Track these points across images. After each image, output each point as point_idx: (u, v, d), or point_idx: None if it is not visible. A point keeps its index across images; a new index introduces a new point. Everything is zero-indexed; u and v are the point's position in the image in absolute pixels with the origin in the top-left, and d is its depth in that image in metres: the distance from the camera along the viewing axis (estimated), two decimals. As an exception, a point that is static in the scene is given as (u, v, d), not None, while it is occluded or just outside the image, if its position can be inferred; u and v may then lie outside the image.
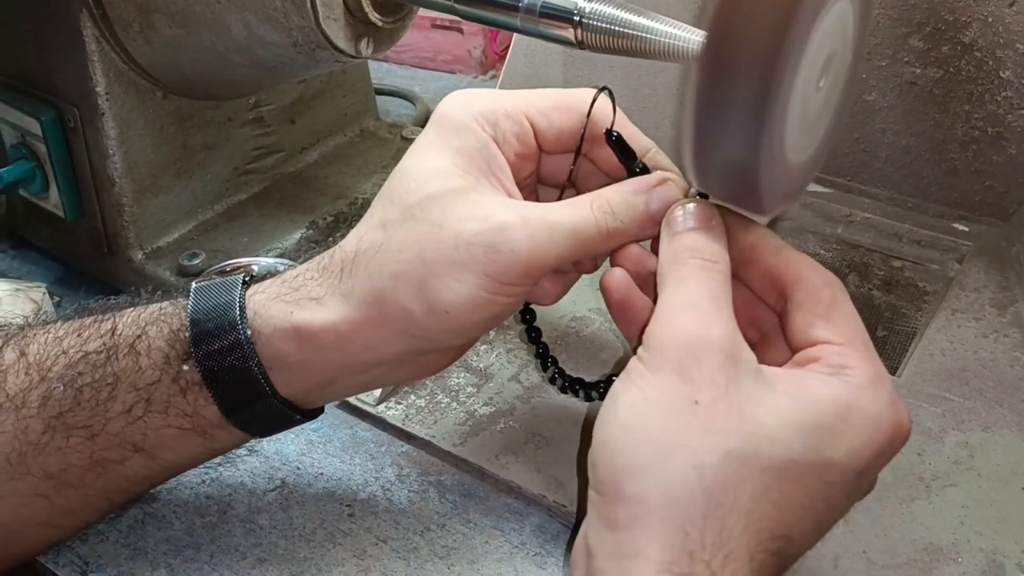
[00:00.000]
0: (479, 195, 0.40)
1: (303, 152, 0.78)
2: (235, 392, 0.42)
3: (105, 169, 0.64)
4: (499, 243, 0.39)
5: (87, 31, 0.60)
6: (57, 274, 0.71)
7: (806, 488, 0.34)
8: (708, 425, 0.33)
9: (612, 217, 0.40)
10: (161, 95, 0.65)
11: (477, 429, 0.54)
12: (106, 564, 0.47)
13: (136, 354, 0.42)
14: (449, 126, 0.42)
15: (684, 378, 0.34)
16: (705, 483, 0.33)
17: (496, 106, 0.42)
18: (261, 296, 0.43)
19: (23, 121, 0.65)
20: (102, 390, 0.42)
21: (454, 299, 0.39)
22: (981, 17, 0.64)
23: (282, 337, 0.41)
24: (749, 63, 0.33)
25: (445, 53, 1.07)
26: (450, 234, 0.39)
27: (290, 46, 0.56)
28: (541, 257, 0.39)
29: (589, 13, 0.45)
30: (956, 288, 0.63)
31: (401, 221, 0.40)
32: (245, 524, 0.49)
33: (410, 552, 0.47)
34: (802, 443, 0.34)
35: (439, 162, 0.41)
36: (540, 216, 0.40)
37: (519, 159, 0.43)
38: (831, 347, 0.37)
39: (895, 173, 0.73)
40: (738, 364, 0.35)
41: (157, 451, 0.43)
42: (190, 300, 0.43)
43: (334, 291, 0.41)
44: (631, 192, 0.41)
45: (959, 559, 0.46)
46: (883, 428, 0.36)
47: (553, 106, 0.43)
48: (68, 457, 0.42)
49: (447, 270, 0.39)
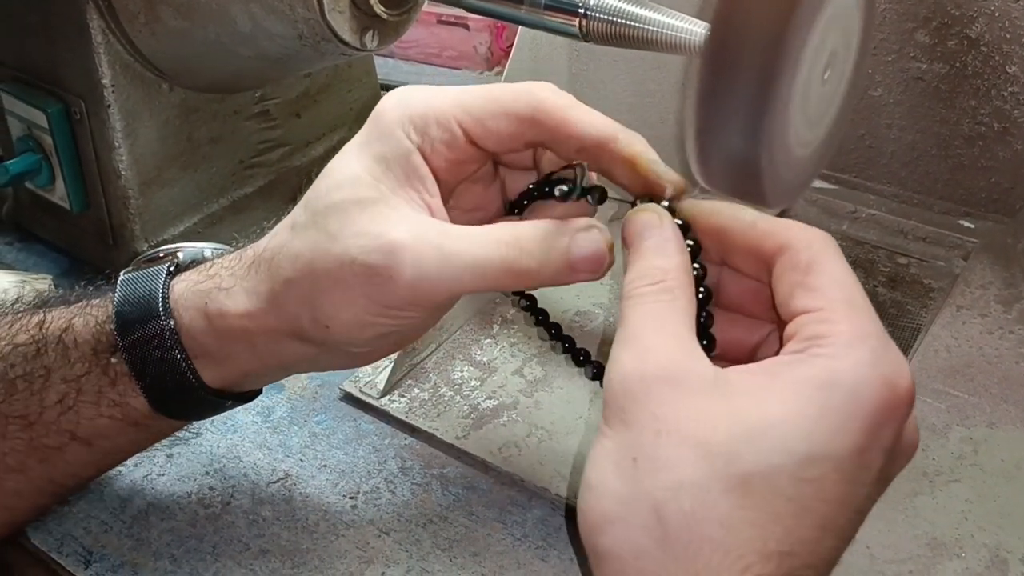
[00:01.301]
0: (385, 208, 0.38)
1: (308, 146, 0.78)
2: (162, 382, 0.42)
3: (111, 161, 0.64)
4: (380, 266, 0.37)
5: (93, 23, 0.60)
6: (63, 266, 0.71)
7: (786, 495, 0.31)
8: (655, 463, 0.31)
9: (526, 257, 0.37)
10: (167, 88, 0.65)
11: (480, 422, 0.54)
12: (110, 554, 0.47)
13: (64, 347, 0.42)
14: (376, 130, 0.40)
15: (628, 423, 0.32)
16: (669, 528, 0.31)
17: (428, 111, 0.39)
18: (181, 286, 0.42)
19: (29, 113, 0.65)
20: (35, 381, 0.42)
21: (334, 315, 0.38)
22: (988, 11, 0.63)
23: (200, 328, 0.41)
24: (751, 54, 0.33)
25: (451, 49, 1.07)
26: (340, 249, 0.37)
27: (295, 38, 0.56)
28: (428, 287, 0.37)
29: (594, 5, 0.45)
30: (961, 285, 0.63)
31: (305, 226, 0.39)
32: (248, 515, 0.49)
33: (413, 544, 0.47)
34: (756, 450, 0.31)
35: (355, 168, 0.39)
36: (435, 243, 0.37)
37: (453, 164, 0.40)
38: (808, 316, 0.33)
39: (901, 169, 0.73)
40: (681, 387, 0.32)
41: (94, 439, 0.43)
42: (116, 291, 0.43)
43: (240, 285, 0.41)
44: (554, 232, 0.37)
45: (963, 554, 0.46)
46: (866, 397, 0.31)
47: (488, 112, 0.39)
48: (8, 443, 0.43)
49: (331, 286, 0.38)
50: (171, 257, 0.46)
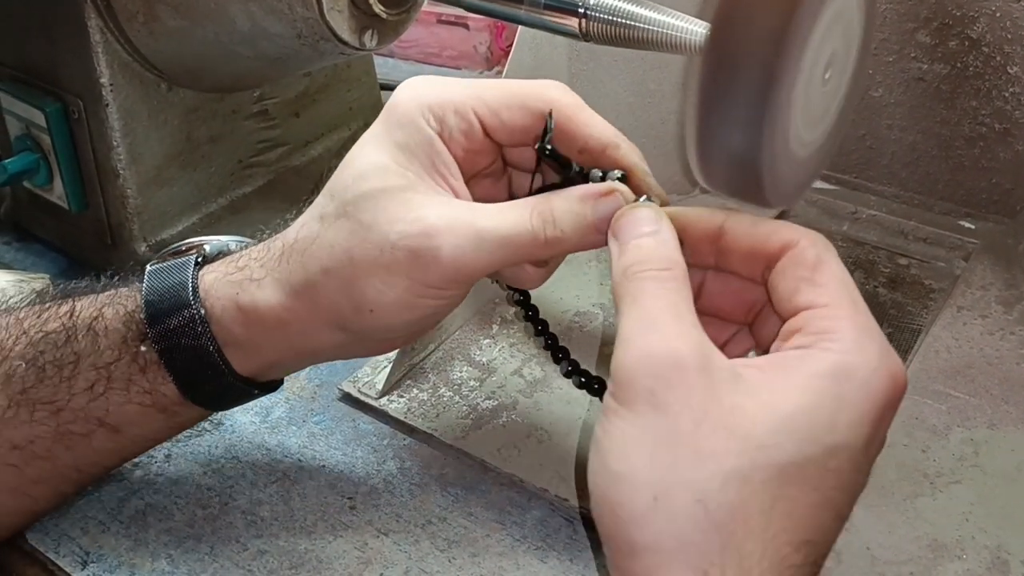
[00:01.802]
0: (414, 194, 0.39)
1: (307, 146, 0.78)
2: (192, 370, 0.43)
3: (109, 161, 0.64)
4: (422, 248, 0.38)
5: (92, 22, 0.60)
6: (61, 266, 0.71)
7: (813, 484, 0.32)
8: (698, 452, 0.32)
9: (552, 226, 0.39)
10: (166, 87, 0.65)
11: (479, 423, 0.54)
12: (107, 555, 0.47)
13: (94, 334, 0.43)
14: (395, 119, 0.41)
15: (659, 408, 0.32)
16: (711, 515, 0.31)
17: (445, 100, 0.41)
18: (211, 276, 0.43)
19: (28, 112, 0.65)
20: (64, 368, 0.43)
21: (379, 299, 0.39)
22: (989, 12, 0.63)
23: (231, 318, 0.42)
24: (752, 54, 0.33)
25: (450, 49, 1.07)
26: (377, 235, 0.39)
27: (294, 38, 0.56)
28: (467, 264, 0.38)
29: (594, 4, 0.45)
30: (962, 285, 0.63)
31: (335, 216, 0.40)
32: (246, 516, 0.49)
33: (411, 545, 0.47)
34: (794, 440, 0.32)
35: (380, 157, 0.40)
36: (469, 222, 0.38)
37: (470, 153, 0.42)
38: (815, 311, 0.34)
39: (901, 170, 0.73)
40: (712, 376, 0.33)
41: (122, 426, 0.44)
42: (144, 282, 0.44)
43: (272, 276, 0.42)
44: (577, 200, 0.39)
45: (963, 556, 0.46)
46: (876, 389, 0.33)
47: (504, 103, 0.41)
48: (34, 429, 0.43)
49: (373, 271, 0.39)
50: (197, 249, 0.47)
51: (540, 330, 0.48)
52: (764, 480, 0.31)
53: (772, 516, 0.31)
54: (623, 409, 0.33)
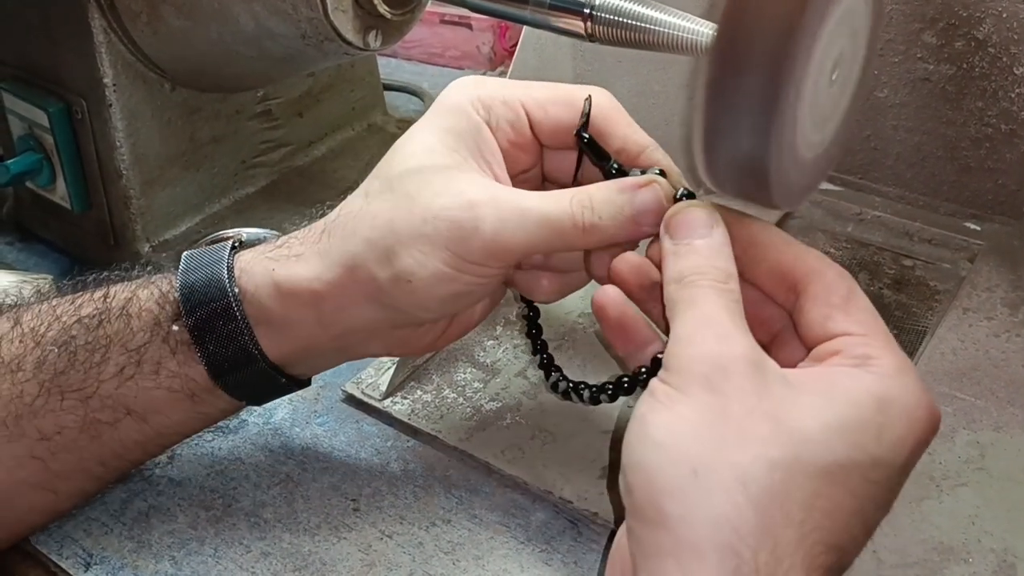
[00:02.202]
0: (459, 173, 0.40)
1: (311, 146, 0.78)
2: (222, 351, 0.43)
3: (112, 161, 0.64)
4: (464, 220, 0.39)
5: (95, 22, 0.60)
6: (63, 266, 0.71)
7: (853, 491, 0.32)
8: (746, 436, 0.32)
9: (591, 212, 0.39)
10: (169, 87, 0.65)
11: (483, 424, 0.53)
12: (110, 556, 0.47)
13: (127, 316, 0.43)
14: (445, 107, 0.42)
15: (714, 391, 0.33)
16: (752, 497, 0.31)
17: (494, 92, 0.42)
18: (248, 255, 0.44)
19: (30, 112, 0.65)
20: (95, 352, 0.43)
21: (417, 270, 0.40)
22: (995, 12, 0.63)
23: (265, 294, 0.42)
24: (760, 55, 0.33)
25: (454, 49, 1.07)
26: (420, 207, 0.40)
27: (298, 38, 0.56)
28: (507, 239, 0.39)
29: (599, 5, 0.44)
30: (967, 287, 0.63)
31: (380, 191, 0.41)
32: (250, 518, 0.49)
33: (415, 547, 0.47)
34: (844, 443, 0.32)
35: (428, 139, 0.42)
36: (513, 200, 0.40)
37: (514, 147, 0.43)
38: (852, 338, 0.35)
39: (907, 171, 0.72)
40: (765, 372, 0.34)
41: (148, 414, 0.44)
42: (180, 264, 0.44)
43: (312, 250, 0.42)
44: (616, 190, 0.40)
45: (970, 559, 0.45)
46: (919, 417, 0.34)
47: (551, 99, 0.43)
48: (62, 419, 0.43)
49: (413, 241, 0.40)
50: (234, 238, 0.47)
51: (538, 348, 0.48)
52: (809, 474, 0.32)
53: (812, 511, 0.31)
54: (675, 391, 0.34)
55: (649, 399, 0.34)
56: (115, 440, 0.44)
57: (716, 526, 0.31)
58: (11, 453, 0.43)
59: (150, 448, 0.47)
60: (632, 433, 0.34)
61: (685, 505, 0.31)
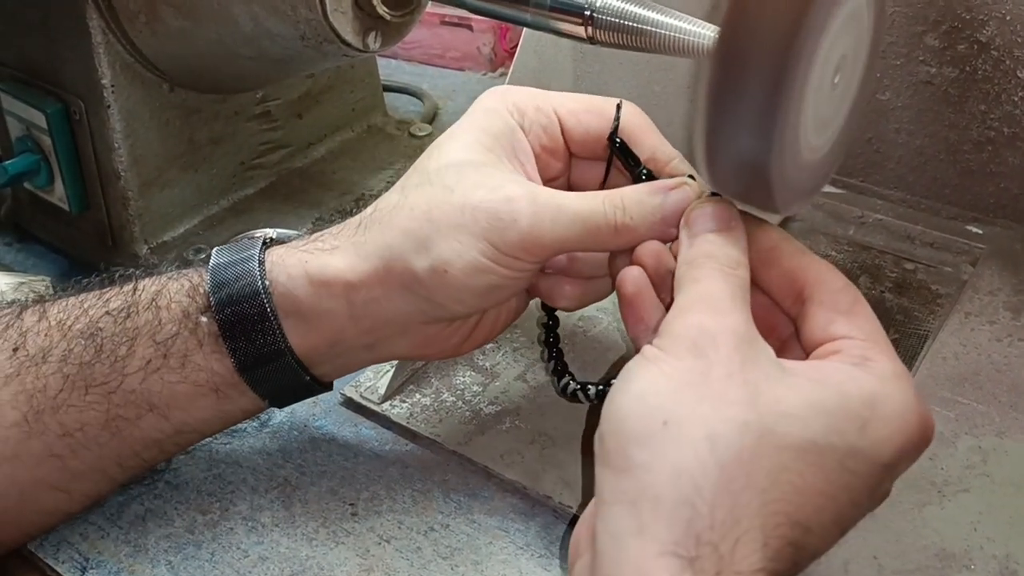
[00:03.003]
0: (495, 169, 0.42)
1: (310, 147, 0.78)
2: (249, 345, 0.43)
3: (110, 162, 0.64)
4: (502, 212, 0.40)
5: (93, 22, 0.60)
6: (61, 268, 0.70)
7: (826, 474, 0.33)
8: (722, 396, 0.32)
9: (623, 212, 0.41)
10: (167, 88, 0.65)
11: (482, 428, 0.53)
12: (106, 561, 0.47)
13: (156, 308, 0.44)
14: (481, 111, 0.44)
15: (698, 355, 0.33)
16: (717, 454, 0.31)
17: (528, 98, 0.44)
18: (281, 249, 0.45)
19: (28, 113, 0.65)
20: (121, 345, 0.43)
21: (454, 259, 0.41)
22: (999, 15, 0.63)
23: (297, 284, 0.43)
24: (762, 58, 0.33)
25: (454, 50, 1.07)
26: (459, 198, 0.41)
27: (297, 39, 0.56)
28: (543, 233, 0.40)
29: (600, 8, 0.44)
30: (969, 291, 0.63)
31: (418, 184, 0.43)
32: (247, 522, 0.49)
33: (413, 552, 0.47)
34: (823, 425, 0.33)
35: (465, 139, 0.43)
36: (548, 196, 0.41)
37: (545, 152, 0.44)
38: (853, 341, 0.36)
39: (908, 174, 0.72)
40: (754, 347, 0.34)
41: (171, 410, 0.44)
42: (211, 258, 0.45)
43: (348, 242, 0.43)
44: (647, 192, 0.41)
45: (972, 566, 0.45)
46: (910, 422, 0.34)
47: (583, 108, 0.44)
48: (84, 414, 0.43)
49: (451, 231, 0.41)
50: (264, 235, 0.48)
51: (553, 355, 0.48)
52: (780, 446, 0.32)
53: (777, 482, 0.32)
54: (663, 353, 0.34)
55: (638, 358, 0.35)
56: (135, 438, 0.45)
57: (677, 477, 0.31)
58: (31, 450, 0.43)
59: (167, 447, 0.47)
60: (615, 387, 0.35)
61: (651, 453, 0.32)
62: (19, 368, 0.43)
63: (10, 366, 0.43)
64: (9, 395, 0.43)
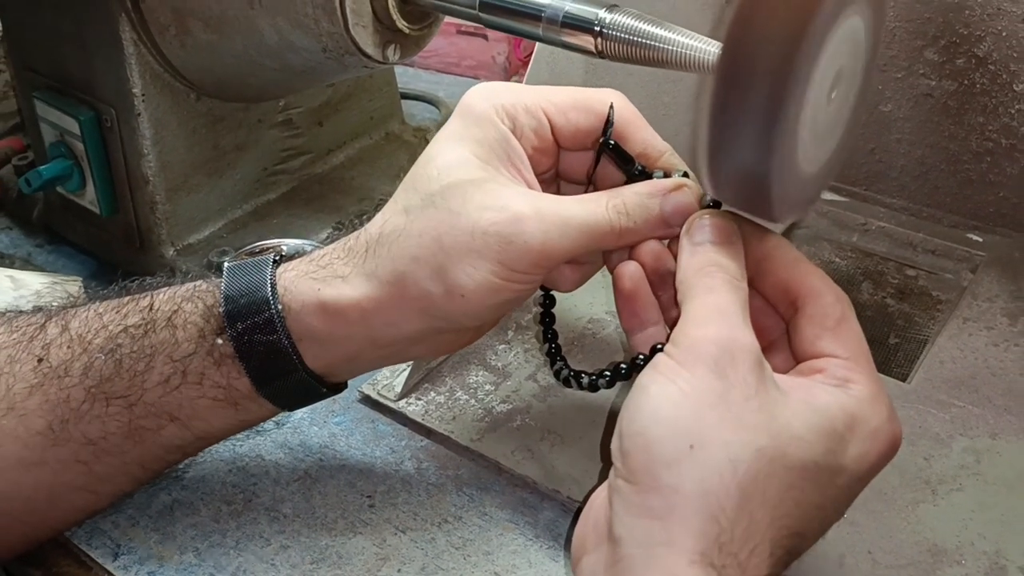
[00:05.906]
0: (497, 185, 0.42)
1: (330, 154, 0.79)
2: (266, 364, 0.44)
3: (139, 168, 0.65)
4: (512, 234, 0.40)
5: (125, 35, 0.62)
6: (91, 268, 0.72)
7: (822, 489, 0.36)
8: (742, 421, 0.35)
9: (626, 218, 0.42)
10: (194, 97, 0.66)
11: (494, 425, 0.55)
12: (137, 547, 0.49)
13: (173, 327, 0.44)
14: (471, 117, 0.43)
15: (719, 375, 0.35)
16: (739, 477, 0.34)
17: (516, 100, 0.44)
18: (291, 274, 0.44)
19: (62, 120, 0.66)
20: (140, 361, 0.44)
21: (469, 284, 0.41)
22: (995, 31, 0.64)
23: (310, 312, 0.43)
24: (762, 74, 0.34)
25: (470, 59, 1.08)
26: (467, 222, 0.41)
27: (320, 51, 0.57)
28: (553, 249, 0.41)
29: (609, 24, 0.46)
30: (969, 297, 0.64)
31: (422, 207, 0.42)
32: (269, 512, 0.50)
33: (428, 543, 0.49)
34: (822, 447, 0.36)
35: (460, 152, 0.43)
36: (554, 210, 0.41)
37: (537, 152, 0.44)
38: (837, 360, 0.38)
39: (910, 183, 0.73)
40: (764, 368, 0.36)
41: (191, 421, 0.45)
42: (224, 278, 0.45)
43: (359, 270, 0.43)
44: (647, 195, 0.42)
45: (963, 561, 0.47)
46: (882, 440, 0.38)
47: (571, 105, 0.44)
48: (107, 424, 0.44)
49: (463, 256, 0.41)
50: (274, 250, 0.48)
51: (549, 337, 0.49)
52: (788, 467, 0.35)
53: (784, 499, 0.35)
54: (680, 367, 0.36)
55: (652, 371, 0.36)
56: (157, 444, 0.46)
57: (704, 496, 0.34)
58: (57, 457, 0.44)
59: (189, 451, 0.48)
60: (633, 401, 0.36)
61: (680, 476, 0.34)
62: (43, 379, 0.44)
63: (35, 376, 0.44)
64: (35, 404, 0.44)
